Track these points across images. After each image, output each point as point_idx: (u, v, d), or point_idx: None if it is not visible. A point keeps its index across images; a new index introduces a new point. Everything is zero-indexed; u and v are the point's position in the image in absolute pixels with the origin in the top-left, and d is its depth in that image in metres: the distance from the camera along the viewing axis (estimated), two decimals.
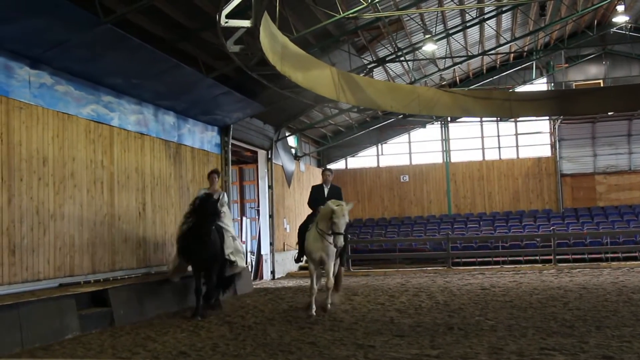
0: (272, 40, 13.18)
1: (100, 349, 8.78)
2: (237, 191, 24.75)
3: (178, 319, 11.62)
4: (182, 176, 15.95)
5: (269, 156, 22.11)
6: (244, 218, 23.31)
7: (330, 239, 11.04)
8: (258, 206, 22.38)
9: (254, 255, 21.94)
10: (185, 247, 11.86)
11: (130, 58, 12.05)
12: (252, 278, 19.90)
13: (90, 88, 12.51)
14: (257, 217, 22.45)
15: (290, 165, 24.12)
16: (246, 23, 11.74)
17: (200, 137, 17.05)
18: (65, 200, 11.59)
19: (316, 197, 12.19)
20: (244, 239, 22.43)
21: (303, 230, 12.07)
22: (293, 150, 25.18)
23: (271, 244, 21.79)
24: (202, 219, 11.44)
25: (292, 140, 25.35)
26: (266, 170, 21.98)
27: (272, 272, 21.79)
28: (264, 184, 21.99)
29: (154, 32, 13.51)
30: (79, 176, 12.05)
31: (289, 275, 22.75)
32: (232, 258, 12.56)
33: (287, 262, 23.30)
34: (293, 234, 24.35)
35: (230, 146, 18.51)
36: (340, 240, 10.88)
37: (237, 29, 12.21)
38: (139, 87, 13.47)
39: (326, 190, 12.25)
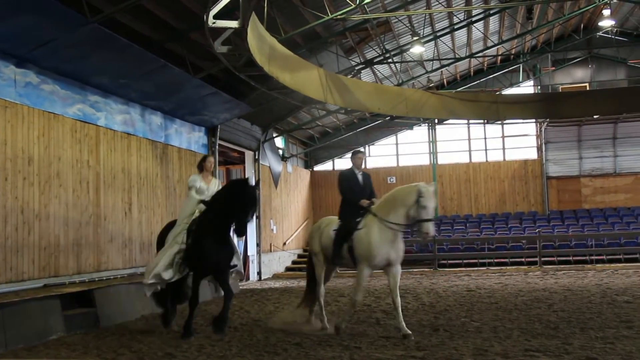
0: (260, 41, 13.18)
1: (84, 349, 8.74)
2: None
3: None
4: (169, 177, 15.91)
5: (256, 157, 22.11)
6: None
7: (398, 236, 9.04)
8: None
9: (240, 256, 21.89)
10: (202, 248, 9.29)
11: (118, 58, 12.02)
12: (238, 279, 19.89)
13: (77, 87, 12.47)
14: None
15: (278, 166, 24.12)
16: (234, 24, 11.74)
17: (188, 138, 17.02)
18: (50, 200, 11.54)
19: (352, 186, 9.83)
20: None
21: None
22: (280, 152, 25.18)
23: (258, 245, 21.78)
24: (241, 209, 9.08)
25: (279, 142, 25.34)
26: (253, 171, 21.97)
27: (259, 273, 21.78)
28: None
29: (141, 32, 13.49)
30: (65, 176, 12.01)
31: (276, 277, 22.75)
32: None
33: (273, 263, 23.31)
34: (280, 235, 24.37)
35: (217, 147, 18.49)
36: (432, 229, 8.78)
37: (224, 29, 12.21)
38: (126, 87, 13.44)
39: (360, 177, 9.87)
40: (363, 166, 10.14)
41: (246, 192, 9.14)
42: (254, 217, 21.70)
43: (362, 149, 11.38)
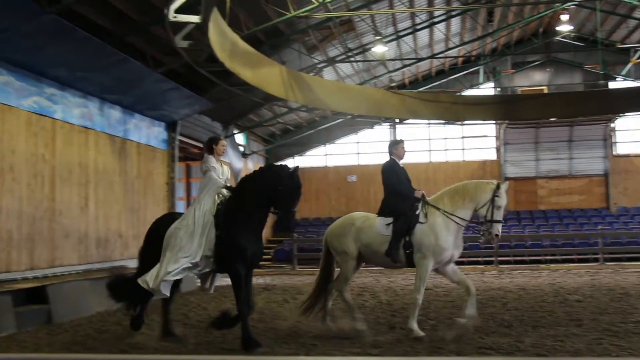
0: (222, 37, 13.10)
1: (36, 346, 8.60)
2: (183, 188, 24.53)
3: (120, 316, 11.42)
4: (127, 172, 15.73)
5: None
6: None
7: (461, 232, 8.82)
8: None
9: None
10: (238, 242, 8.13)
11: (76, 50, 11.84)
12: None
13: (33, 79, 12.24)
14: None
15: (238, 163, 24.01)
16: (195, 18, 11.66)
17: (147, 133, 16.85)
18: (3, 194, 11.31)
19: (401, 177, 9.40)
20: None
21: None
22: (241, 148, 25.07)
23: None
24: (288, 199, 8.12)
25: (240, 138, 25.23)
26: None
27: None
28: None
29: (101, 24, 13.29)
30: (19, 169, 11.78)
31: None
32: None
33: None
34: None
35: (177, 142, 18.34)
36: (500, 230, 8.62)
37: (186, 24, 12.10)
38: (84, 80, 13.24)
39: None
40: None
41: (294, 179, 8.16)
42: None
43: (402, 138, 10.22)
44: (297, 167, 8.29)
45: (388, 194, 9.32)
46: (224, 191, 8.62)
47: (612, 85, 27.88)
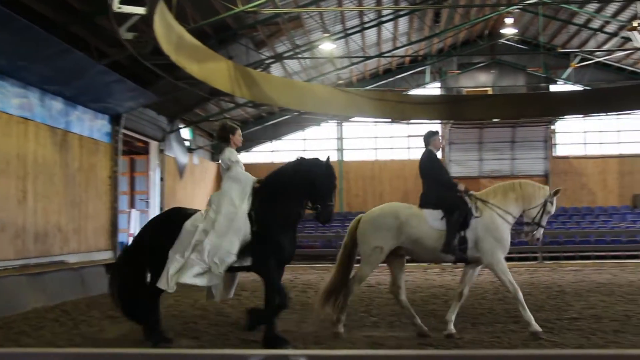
0: (168, 30, 12.93)
1: None
2: (127, 182, 24.16)
3: (58, 312, 11.20)
4: (69, 164, 15.38)
5: (162, 148, 21.70)
6: (133, 210, 22.77)
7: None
8: (148, 198, 21.93)
9: None
10: (277, 238, 7.84)
11: (16, 39, 11.49)
12: None
13: None
14: (147, 209, 21.99)
15: (184, 158, 23.76)
16: (140, 10, 11.47)
17: (90, 125, 16.50)
18: None
19: (445, 169, 9.27)
20: (132, 231, 21.92)
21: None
22: (187, 143, 24.81)
23: None
24: (326, 193, 7.88)
25: (186, 133, 24.97)
26: (158, 162, 21.57)
27: None
28: (155, 176, 21.57)
29: (43, 13, 12.96)
30: None
31: None
32: None
33: None
34: None
35: (121, 136, 18.04)
36: (541, 235, 8.73)
37: (131, 15, 11.89)
38: (24, 69, 12.88)
39: None
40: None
41: (330, 171, 7.93)
42: (158, 209, 21.33)
43: (437, 130, 9.84)
44: (329, 157, 8.05)
45: (432, 185, 8.93)
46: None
47: (553, 88, 28.61)
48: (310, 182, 7.86)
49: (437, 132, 9.43)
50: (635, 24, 20.27)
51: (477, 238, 8.38)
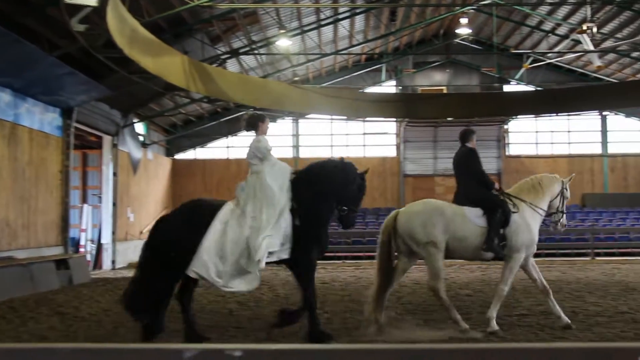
0: (121, 22, 12.73)
1: None
2: (79, 177, 23.76)
3: (5, 309, 10.96)
4: (18, 158, 15.06)
5: (115, 142, 21.39)
6: (85, 205, 22.41)
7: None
8: (101, 193, 21.60)
9: (94, 244, 21.17)
10: (318, 232, 7.89)
11: None
12: (90, 268, 19.22)
13: None
14: (99, 204, 21.67)
15: (138, 153, 23.44)
16: (92, 1, 11.30)
17: (40, 119, 16.18)
18: None
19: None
20: (84, 227, 21.60)
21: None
22: (141, 138, 24.49)
23: (113, 232, 21.10)
24: (356, 198, 8.12)
25: (140, 128, 24.65)
26: (111, 157, 21.25)
27: (113, 262, 21.12)
28: (108, 171, 21.25)
29: None
30: None
31: (131, 266, 22.07)
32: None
33: (129, 252, 22.64)
34: (137, 223, 23.74)
35: (73, 129, 17.73)
36: (565, 221, 9.20)
37: (82, 7, 11.69)
38: None
39: None
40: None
41: (365, 185, 8.15)
42: (111, 205, 21.03)
43: (473, 129, 9.78)
44: (367, 170, 8.26)
45: (471, 183, 8.88)
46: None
47: (506, 88, 29.04)
48: (345, 184, 7.88)
49: (474, 131, 9.49)
50: (584, 27, 20.70)
51: (514, 234, 8.51)
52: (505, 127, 29.81)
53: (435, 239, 8.30)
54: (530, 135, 30.60)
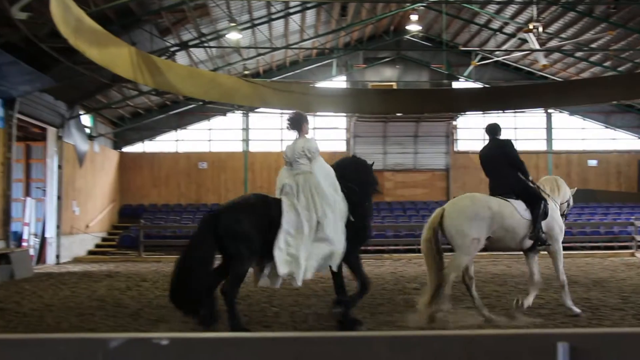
0: (65, 12, 12.44)
1: None
2: (22, 169, 23.17)
3: None
4: None
5: (60, 134, 20.92)
6: (29, 198, 21.87)
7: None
8: (45, 186, 21.12)
9: (37, 238, 20.70)
10: (366, 226, 8.52)
11: None
12: (33, 262, 18.79)
13: None
14: (43, 197, 21.18)
15: (84, 146, 22.99)
16: None
17: None
18: None
19: None
20: (27, 221, 21.09)
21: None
22: (87, 130, 24.03)
23: (57, 226, 20.67)
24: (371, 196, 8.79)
25: (86, 120, 24.18)
26: (56, 149, 20.78)
27: (57, 257, 20.69)
28: (52, 164, 20.77)
29: None
30: None
31: (76, 260, 21.73)
32: None
33: (74, 246, 22.23)
34: (83, 217, 23.30)
35: (15, 121, 17.28)
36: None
37: None
38: None
39: None
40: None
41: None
42: (55, 198, 20.59)
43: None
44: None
45: (514, 173, 9.04)
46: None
47: (455, 85, 29.43)
48: (374, 176, 8.80)
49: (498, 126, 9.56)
50: (531, 26, 21.13)
51: (551, 225, 8.95)
52: (454, 123, 30.21)
53: (480, 236, 8.43)
54: (478, 132, 31.03)
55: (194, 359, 1.94)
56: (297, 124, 8.39)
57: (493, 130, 9.46)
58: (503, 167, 9.08)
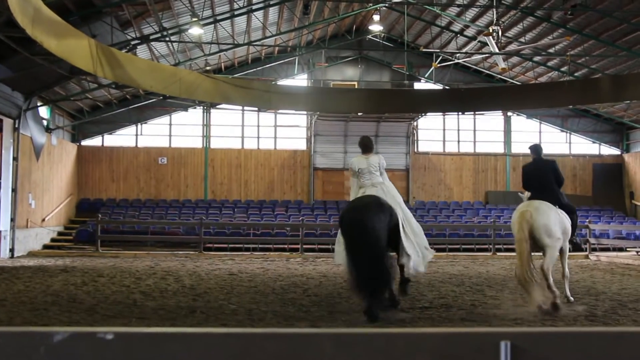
0: (23, 1, 12.23)
1: None
2: None
3: None
4: None
5: (16, 126, 20.55)
6: None
7: None
8: (0, 179, 20.72)
9: None
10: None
11: None
12: None
13: None
14: None
15: (41, 138, 22.62)
16: None
17: None
18: None
19: None
20: None
21: None
22: (45, 122, 23.64)
23: (12, 219, 20.30)
24: None
25: (44, 111, 23.78)
26: (12, 141, 20.41)
27: (12, 251, 20.33)
28: (8, 155, 20.39)
29: None
30: None
31: (31, 254, 21.38)
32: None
33: (29, 240, 21.87)
34: (39, 210, 22.94)
35: None
36: None
37: None
38: None
39: None
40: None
41: None
42: (10, 190, 20.23)
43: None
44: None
45: (555, 190, 10.34)
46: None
47: (416, 85, 29.71)
48: None
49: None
50: (490, 29, 21.45)
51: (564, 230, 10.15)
52: (414, 124, 30.49)
53: (559, 236, 9.85)
54: (438, 133, 31.44)
55: (138, 354, 1.96)
56: (370, 143, 10.36)
57: (538, 150, 10.83)
58: (550, 183, 10.35)
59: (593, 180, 31.41)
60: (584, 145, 31.80)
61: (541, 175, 10.43)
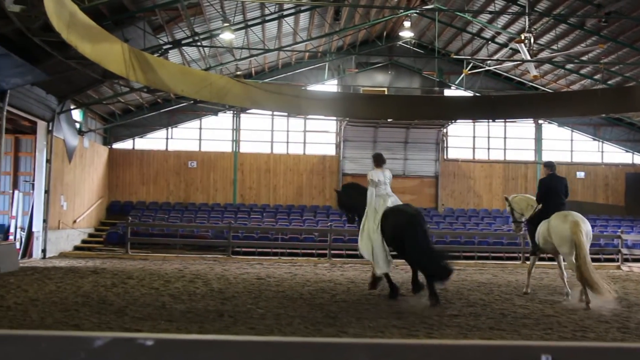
0: (59, 6, 12.42)
1: None
2: (10, 162, 23.11)
3: None
4: None
5: (50, 128, 20.85)
6: (16, 191, 21.81)
7: None
8: (33, 180, 21.04)
9: (24, 231, 20.61)
10: None
11: None
12: (19, 256, 18.71)
13: None
14: (31, 191, 21.10)
15: (73, 140, 22.92)
16: None
17: None
18: None
19: None
20: (14, 214, 21.02)
21: None
22: (77, 125, 23.96)
23: (45, 221, 20.58)
24: None
25: (77, 114, 24.10)
26: (45, 143, 20.71)
27: (44, 251, 20.60)
28: (41, 157, 20.70)
29: None
30: None
31: (62, 255, 21.65)
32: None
33: (61, 241, 22.16)
34: (71, 212, 23.23)
35: (5, 113, 17.21)
36: None
37: None
38: None
39: None
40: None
41: None
42: (43, 192, 20.51)
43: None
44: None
45: (564, 202, 12.28)
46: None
47: (446, 92, 29.54)
48: None
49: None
50: (522, 36, 21.25)
51: None
52: (444, 130, 30.32)
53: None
54: (467, 140, 31.21)
55: None
56: (383, 158, 13.43)
57: (554, 167, 12.68)
58: (563, 194, 12.25)
59: (626, 190, 30.92)
60: (616, 154, 31.32)
61: (559, 189, 12.26)
